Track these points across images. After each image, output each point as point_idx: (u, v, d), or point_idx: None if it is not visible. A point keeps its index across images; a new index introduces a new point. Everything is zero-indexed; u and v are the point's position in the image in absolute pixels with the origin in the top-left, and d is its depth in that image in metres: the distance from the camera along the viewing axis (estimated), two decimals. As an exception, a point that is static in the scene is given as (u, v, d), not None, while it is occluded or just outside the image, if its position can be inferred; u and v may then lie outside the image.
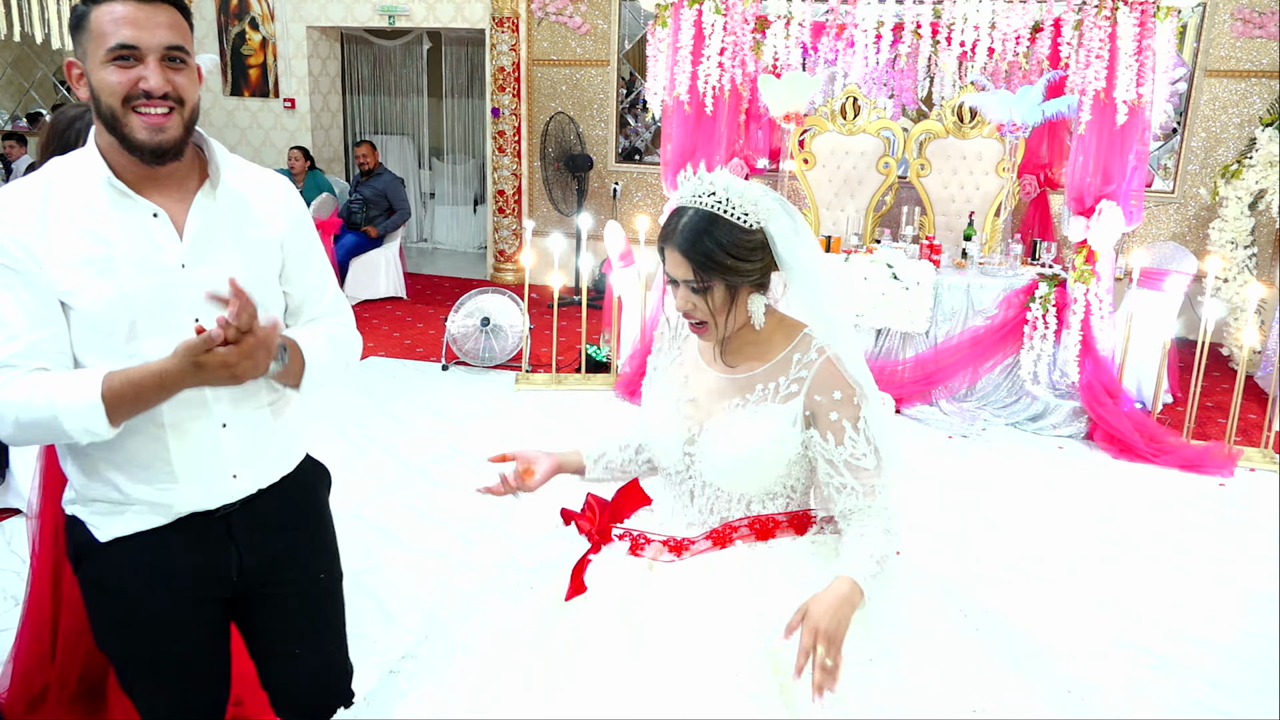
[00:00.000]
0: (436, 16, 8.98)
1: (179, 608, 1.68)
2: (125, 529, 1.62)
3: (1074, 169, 5.33)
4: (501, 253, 9.08)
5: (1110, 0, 4.98)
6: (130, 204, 1.54)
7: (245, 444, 1.66)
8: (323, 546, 1.88)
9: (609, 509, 1.78)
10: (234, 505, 1.68)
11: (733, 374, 1.71)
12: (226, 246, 1.60)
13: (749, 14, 5.55)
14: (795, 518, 1.71)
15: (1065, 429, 5.33)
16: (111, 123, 1.51)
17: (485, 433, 5.13)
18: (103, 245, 1.52)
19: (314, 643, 1.86)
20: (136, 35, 1.48)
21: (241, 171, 1.68)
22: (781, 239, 1.61)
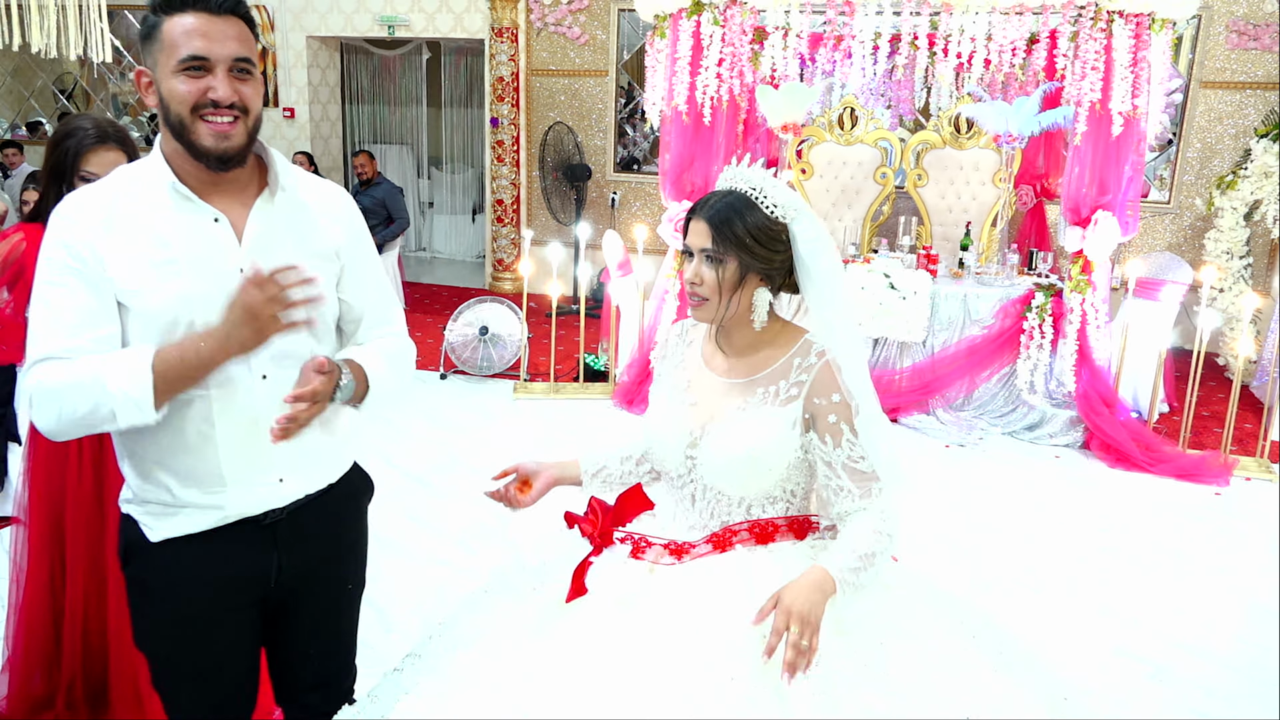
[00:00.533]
0: (436, 27, 9.02)
1: (220, 611, 1.71)
2: (176, 530, 1.65)
3: (1070, 180, 5.36)
4: (500, 262, 9.10)
5: (1106, 12, 5.02)
6: (193, 208, 1.59)
7: (292, 448, 1.65)
8: (356, 556, 1.92)
9: (612, 513, 1.79)
10: (281, 513, 1.71)
11: (735, 378, 1.73)
12: (284, 252, 1.63)
13: (747, 25, 5.59)
14: (795, 523, 1.73)
15: (1062, 438, 5.35)
16: (180, 130, 1.55)
17: (483, 442, 5.14)
18: (165, 248, 1.56)
19: (329, 645, 1.90)
20: (207, 46, 1.53)
21: (301, 181, 1.72)
22: (804, 240, 1.66)
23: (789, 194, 1.67)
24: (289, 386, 1.57)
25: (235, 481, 1.64)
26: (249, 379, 1.61)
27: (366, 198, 8.06)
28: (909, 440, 5.37)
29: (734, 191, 1.67)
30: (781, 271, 1.69)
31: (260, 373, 1.62)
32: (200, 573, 1.67)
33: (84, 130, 2.33)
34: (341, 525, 1.85)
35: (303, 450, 1.69)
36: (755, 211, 1.65)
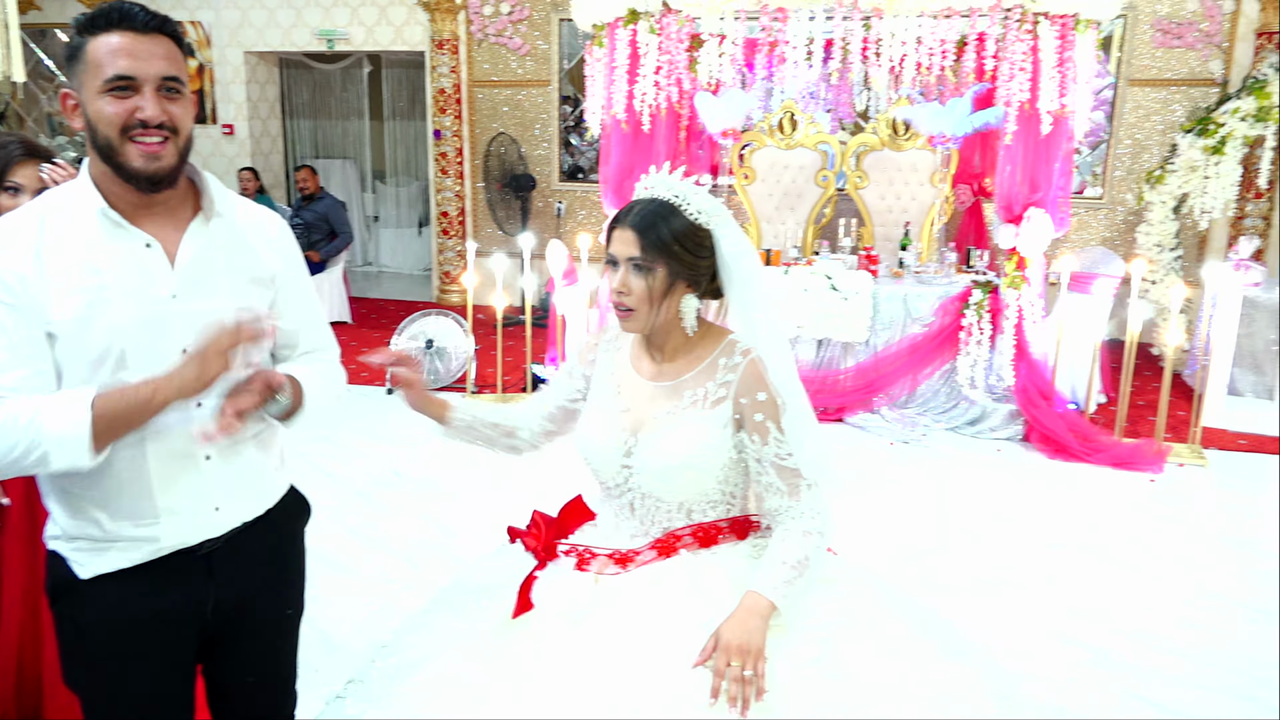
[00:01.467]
0: (376, 40, 8.97)
1: (155, 646, 1.65)
2: (108, 566, 1.59)
3: (1002, 178, 5.47)
4: (447, 274, 9.05)
5: (1032, 14, 5.13)
6: (123, 234, 1.55)
7: (229, 476, 1.65)
8: (294, 582, 1.88)
9: (554, 525, 1.79)
10: (218, 542, 1.66)
11: (662, 381, 1.74)
12: (218, 278, 1.61)
13: (683, 33, 5.63)
14: (737, 523, 1.74)
15: (1003, 432, 5.44)
16: (108, 152, 1.51)
17: (429, 456, 5.11)
18: (95, 275, 1.51)
19: (268, 674, 1.86)
20: (133, 66, 1.49)
21: (236, 205, 1.69)
22: (727, 243, 1.68)
23: (710, 200, 1.68)
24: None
25: (170, 513, 1.60)
26: (183, 407, 1.56)
27: (309, 212, 7.99)
28: (854, 439, 5.44)
29: (657, 199, 1.67)
30: (706, 277, 1.70)
31: (195, 400, 1.57)
32: (134, 609, 1.61)
33: (13, 144, 2.32)
34: (279, 551, 1.82)
35: (239, 476, 1.67)
36: (679, 218, 1.65)
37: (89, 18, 1.51)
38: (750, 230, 6.85)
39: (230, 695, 1.83)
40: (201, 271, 1.59)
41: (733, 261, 1.68)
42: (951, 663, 1.67)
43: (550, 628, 1.62)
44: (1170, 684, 3.08)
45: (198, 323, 1.56)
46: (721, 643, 1.50)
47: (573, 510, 1.84)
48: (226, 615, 1.72)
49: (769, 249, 6.25)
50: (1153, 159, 7.37)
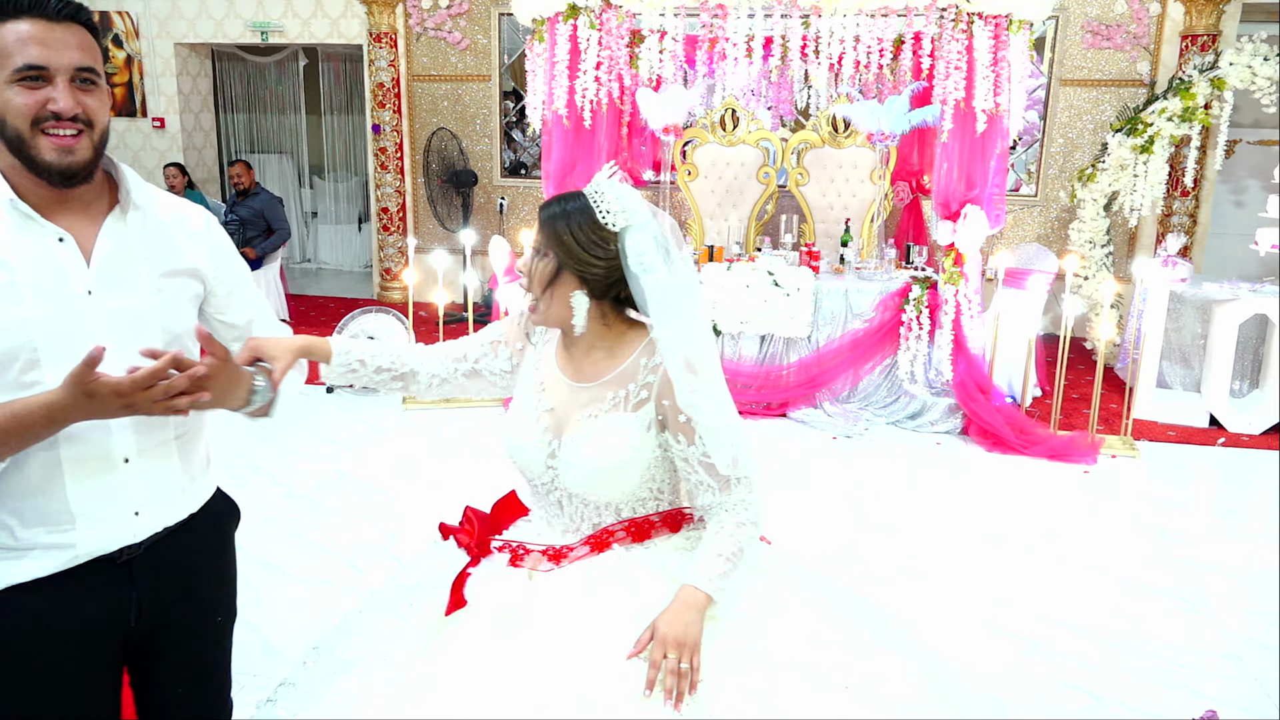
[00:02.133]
0: (311, 33, 8.80)
1: (75, 660, 1.57)
2: (21, 576, 1.51)
3: (939, 176, 5.56)
4: (388, 271, 8.93)
5: (966, 14, 5.21)
6: (35, 227, 1.48)
7: (150, 480, 1.58)
8: (224, 586, 1.82)
9: (487, 521, 1.77)
10: (138, 548, 1.59)
11: (583, 383, 1.72)
12: (137, 274, 1.55)
13: (623, 28, 5.61)
14: (669, 516, 1.74)
15: (942, 425, 5.53)
16: (18, 144, 1.45)
17: (373, 456, 5.04)
18: (5, 270, 1.44)
19: (201, 683, 1.79)
20: (45, 55, 1.43)
21: (156, 199, 1.63)
22: (633, 254, 1.62)
23: (628, 202, 1.64)
24: (149, 417, 1.50)
25: (86, 518, 1.53)
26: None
27: (244, 208, 7.82)
28: (797, 434, 5.48)
29: (579, 194, 1.67)
30: (604, 279, 1.65)
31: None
32: (52, 620, 1.54)
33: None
34: (206, 555, 1.75)
35: (161, 479, 1.61)
36: (583, 214, 1.64)
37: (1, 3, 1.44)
38: (694, 226, 6.87)
39: (161, 706, 1.76)
40: (119, 267, 1.54)
41: (638, 272, 1.62)
42: (884, 650, 1.69)
43: (483, 625, 1.61)
44: (1102, 672, 3.15)
45: (116, 320, 1.51)
46: (658, 635, 1.51)
47: (506, 506, 1.83)
48: (152, 624, 1.66)
49: (712, 245, 6.27)
50: (1084, 157, 7.55)
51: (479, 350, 1.88)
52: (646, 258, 1.61)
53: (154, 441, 1.59)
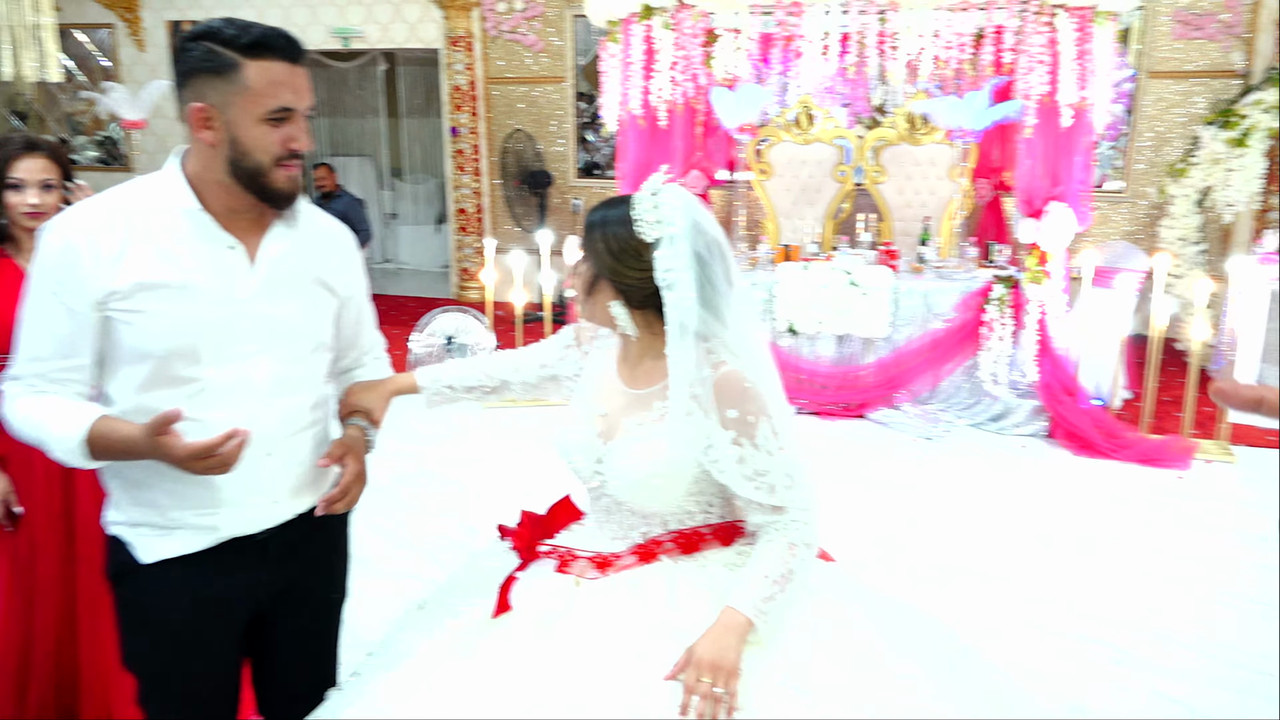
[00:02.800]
0: (391, 38, 8.98)
1: (211, 629, 1.72)
2: (169, 552, 1.65)
3: (1022, 172, 5.43)
4: (465, 271, 9.06)
5: (1050, 7, 5.08)
6: (211, 235, 1.60)
7: (287, 470, 1.71)
8: (340, 568, 1.96)
9: (541, 524, 1.78)
10: (273, 529, 1.72)
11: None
12: (292, 284, 1.68)
13: (698, 28, 5.60)
14: (721, 529, 1.68)
15: (1026, 428, 5.40)
16: (253, 175, 1.57)
17: (452, 452, 5.12)
18: (179, 272, 1.57)
19: (312, 656, 1.91)
20: (293, 98, 1.57)
21: (311, 215, 1.75)
22: (661, 269, 1.56)
23: (667, 215, 1.57)
24: (289, 413, 1.68)
25: (231, 504, 1.66)
26: (249, 407, 1.63)
27: (328, 211, 7.99)
28: (876, 435, 5.41)
29: (625, 199, 1.62)
30: (640, 290, 1.60)
31: (260, 400, 1.65)
32: (194, 592, 1.67)
33: (13, 140, 2.36)
34: (328, 537, 1.88)
35: (297, 472, 1.74)
36: (620, 221, 1.60)
37: (248, 42, 1.52)
38: (769, 225, 6.83)
39: (275, 675, 1.88)
40: (277, 276, 1.65)
41: (664, 286, 1.56)
42: (943, 679, 1.61)
43: (525, 630, 1.60)
44: (1197, 683, 3.05)
45: (269, 325, 1.64)
46: (694, 658, 1.47)
47: (561, 509, 1.82)
48: (275, 598, 1.79)
49: (787, 244, 6.23)
50: (1174, 152, 7.29)
51: (555, 355, 1.91)
52: (673, 274, 1.55)
53: (290, 434, 1.71)
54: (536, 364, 1.93)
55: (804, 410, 5.76)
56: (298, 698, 1.88)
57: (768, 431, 1.57)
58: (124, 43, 9.68)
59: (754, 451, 1.56)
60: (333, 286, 1.76)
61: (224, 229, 1.61)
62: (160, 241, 1.57)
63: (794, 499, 1.59)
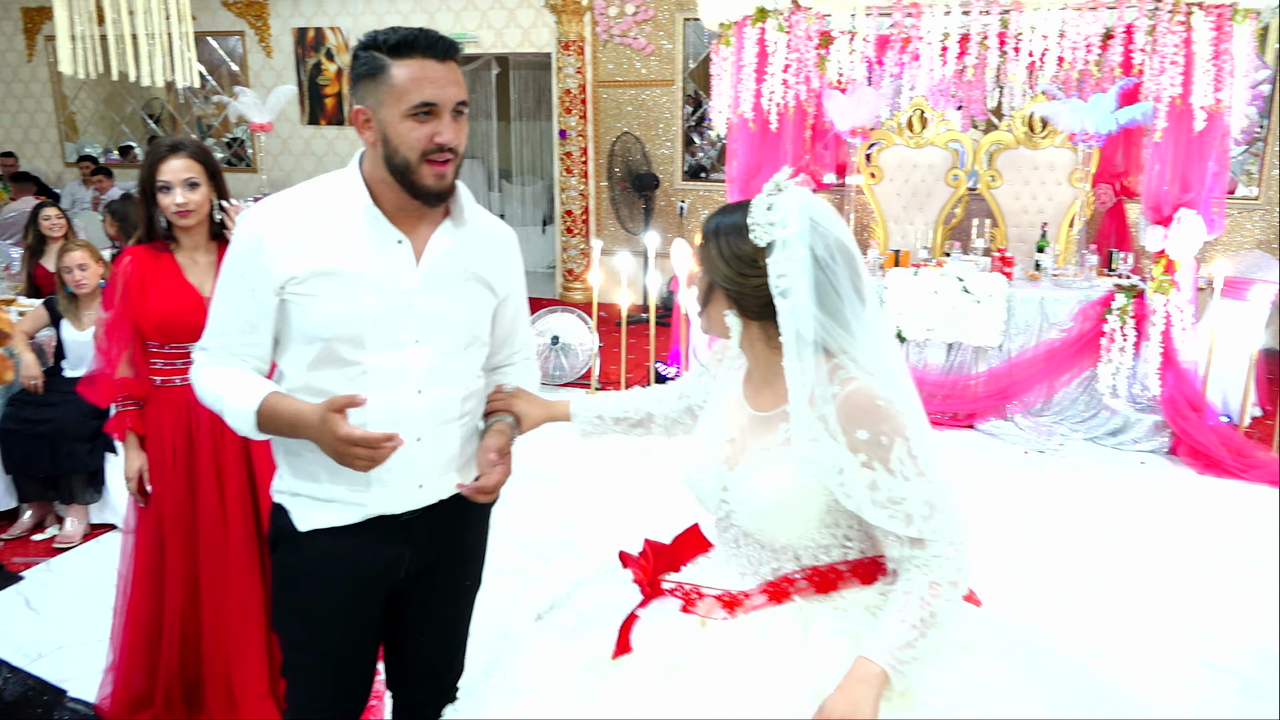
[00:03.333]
0: (504, 42, 9.16)
1: (355, 599, 1.81)
2: (323, 522, 1.76)
3: (1150, 178, 5.21)
4: (570, 272, 9.18)
5: (1185, 4, 4.87)
6: (382, 230, 1.69)
7: (434, 457, 1.78)
8: (477, 556, 2.02)
9: (665, 556, 1.70)
10: (417, 512, 1.80)
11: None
12: (454, 279, 1.74)
13: (812, 30, 5.55)
14: (861, 566, 1.55)
15: (1147, 444, 5.19)
16: (403, 170, 1.64)
17: (555, 451, 5.18)
18: (351, 263, 1.67)
19: (443, 638, 1.99)
20: (436, 93, 1.61)
21: (478, 213, 1.82)
22: (774, 274, 1.47)
23: (780, 216, 1.48)
24: (441, 402, 1.76)
25: (380, 484, 1.73)
26: (404, 393, 1.72)
27: (439, 212, 8.22)
28: (986, 446, 5.27)
29: (744, 205, 1.54)
30: (757, 300, 1.51)
31: (415, 388, 1.73)
32: (342, 562, 1.77)
33: (161, 144, 2.51)
34: (468, 525, 1.94)
35: (443, 458, 1.81)
36: (733, 228, 1.53)
37: (394, 42, 1.61)
38: (877, 230, 6.72)
39: (407, 653, 1.96)
40: (440, 270, 1.72)
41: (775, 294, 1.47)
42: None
43: (647, 675, 1.52)
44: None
45: (430, 317, 1.72)
46: (825, 714, 1.37)
47: (687, 540, 1.74)
48: (414, 579, 1.86)
49: (897, 250, 6.12)
50: (1316, 156, 6.90)
51: (692, 384, 1.87)
52: (787, 279, 1.46)
53: (440, 423, 1.78)
54: (676, 395, 1.90)
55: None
56: (425, 677, 1.98)
57: (903, 454, 1.44)
58: (252, 49, 10.13)
59: (888, 476, 1.43)
60: (493, 285, 1.82)
61: (393, 224, 1.70)
62: (336, 234, 1.68)
63: (936, 530, 1.45)
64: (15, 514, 4.20)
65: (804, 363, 1.46)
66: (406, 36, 1.61)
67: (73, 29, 5.46)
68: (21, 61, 11.10)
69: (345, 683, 1.87)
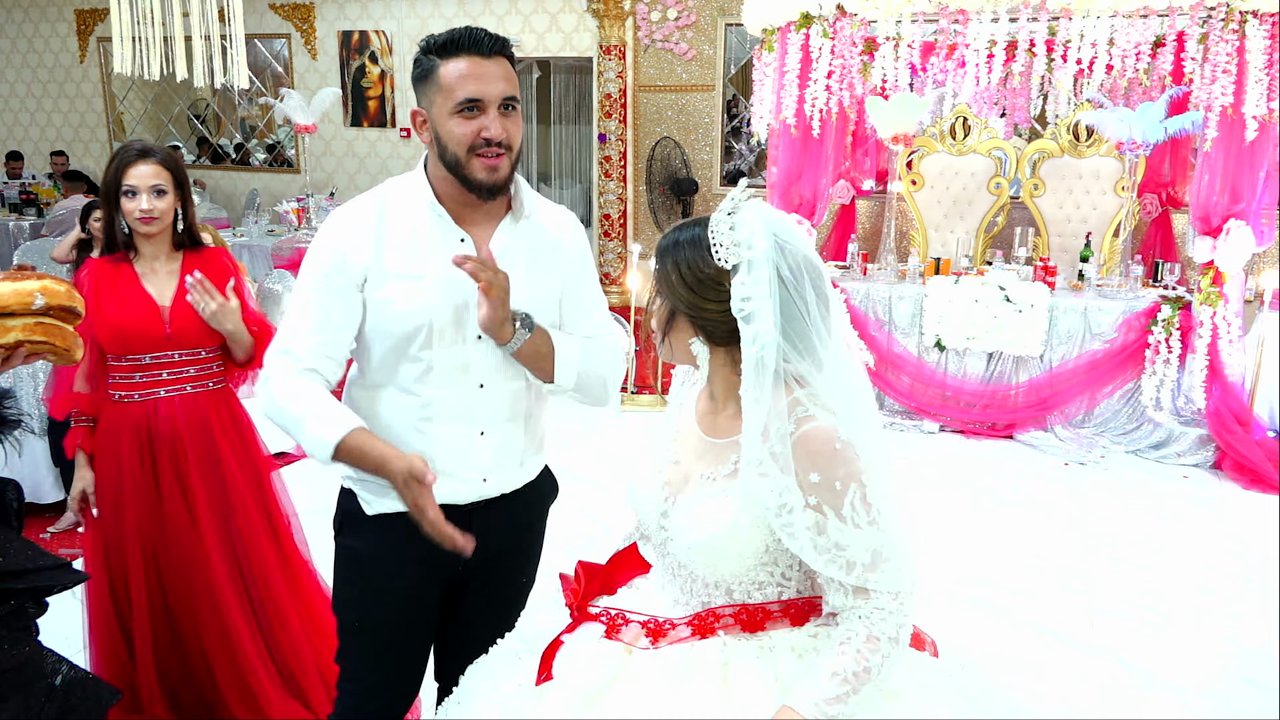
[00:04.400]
0: (546, 46, 9.22)
1: (415, 585, 1.85)
2: (389, 508, 1.78)
3: (1199, 188, 5.13)
4: (607, 275, 9.20)
5: (1239, 13, 4.80)
6: (446, 227, 1.74)
7: (498, 451, 1.81)
8: (533, 552, 2.04)
9: (598, 578, 1.62)
10: (480, 503, 1.82)
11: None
12: (518, 272, 1.75)
13: (857, 36, 5.53)
14: (793, 606, 1.46)
15: (1190, 457, 5.11)
16: (455, 166, 1.68)
17: (590, 453, 5.21)
18: (418, 263, 1.71)
19: (494, 633, 1.95)
20: (480, 89, 1.64)
21: (539, 206, 1.85)
22: (739, 293, 1.36)
23: (744, 237, 1.37)
24: (504, 395, 1.78)
25: (445, 475, 1.74)
26: (467, 386, 1.76)
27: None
28: (1025, 457, 5.22)
29: (699, 221, 1.43)
30: (724, 324, 1.40)
31: (478, 381, 1.77)
32: (404, 547, 1.77)
33: (130, 148, 2.45)
34: (527, 522, 1.97)
35: (507, 453, 1.84)
36: (693, 247, 1.41)
37: (441, 43, 1.66)
38: (917, 238, 6.69)
39: (458, 645, 1.96)
40: (505, 265, 1.72)
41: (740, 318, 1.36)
42: None
43: (567, 704, 1.46)
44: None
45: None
46: None
47: (624, 560, 1.66)
48: (470, 572, 1.88)
49: (938, 258, 6.07)
50: (1370, 168, 6.75)
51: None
52: (751, 303, 1.35)
53: (505, 418, 1.82)
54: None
55: (948, 428, 5.61)
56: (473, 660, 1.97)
57: (857, 500, 1.34)
58: (298, 51, 10.28)
59: (836, 522, 1.34)
60: (556, 274, 1.84)
61: (456, 223, 1.74)
62: (406, 233, 1.73)
63: (879, 581, 1.36)
64: (63, 506, 4.29)
65: (762, 392, 1.35)
66: (453, 36, 1.65)
67: (128, 31, 5.58)
68: (74, 62, 11.34)
69: (398, 669, 1.89)
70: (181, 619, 2.56)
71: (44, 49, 11.43)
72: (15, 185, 9.24)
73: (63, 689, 1.84)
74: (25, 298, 1.52)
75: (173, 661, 2.59)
